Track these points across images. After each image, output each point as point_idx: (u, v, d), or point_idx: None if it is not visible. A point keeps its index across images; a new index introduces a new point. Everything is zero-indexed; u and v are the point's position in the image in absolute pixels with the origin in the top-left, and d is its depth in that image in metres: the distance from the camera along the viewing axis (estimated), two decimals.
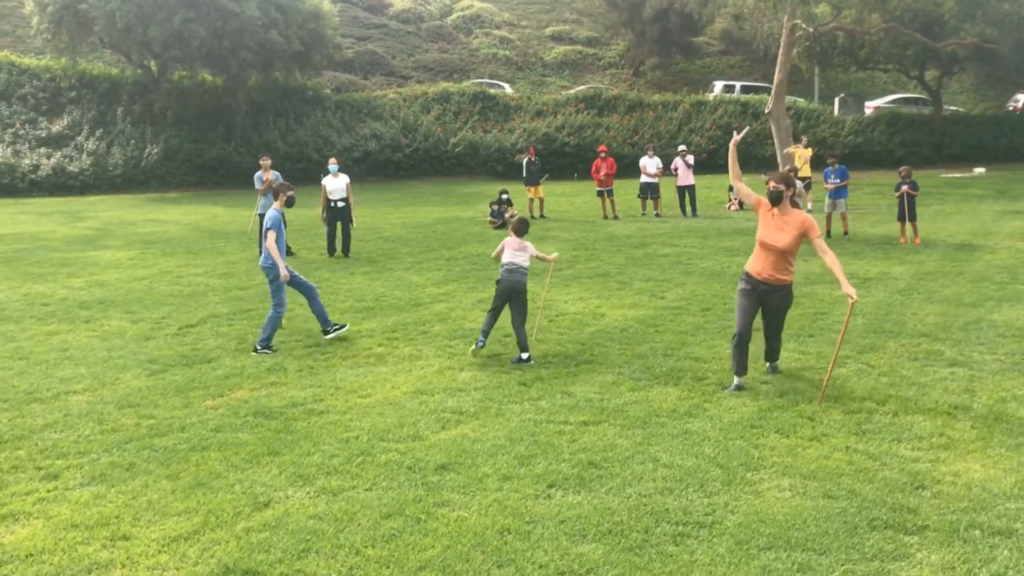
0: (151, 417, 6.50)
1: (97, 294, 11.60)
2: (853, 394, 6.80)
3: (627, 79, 46.93)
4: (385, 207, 22.95)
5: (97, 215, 22.12)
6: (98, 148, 28.62)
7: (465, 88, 34.71)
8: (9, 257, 14.93)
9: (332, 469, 5.42)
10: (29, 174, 27.18)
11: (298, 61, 30.96)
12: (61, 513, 4.83)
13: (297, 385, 7.34)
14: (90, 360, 8.24)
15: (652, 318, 9.67)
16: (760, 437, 5.90)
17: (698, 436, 5.92)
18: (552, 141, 31.46)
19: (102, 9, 26.62)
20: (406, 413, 6.51)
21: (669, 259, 13.76)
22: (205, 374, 7.71)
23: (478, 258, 14.18)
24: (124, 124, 29.58)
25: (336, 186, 14.64)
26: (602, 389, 7.07)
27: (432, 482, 5.18)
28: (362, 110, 32.49)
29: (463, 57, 47.50)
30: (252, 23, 27.53)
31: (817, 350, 8.16)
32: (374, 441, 5.91)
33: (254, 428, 6.22)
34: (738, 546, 4.36)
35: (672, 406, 6.59)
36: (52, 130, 28.93)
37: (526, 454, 5.61)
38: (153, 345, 8.83)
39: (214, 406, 6.78)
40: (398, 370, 7.76)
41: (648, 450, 5.67)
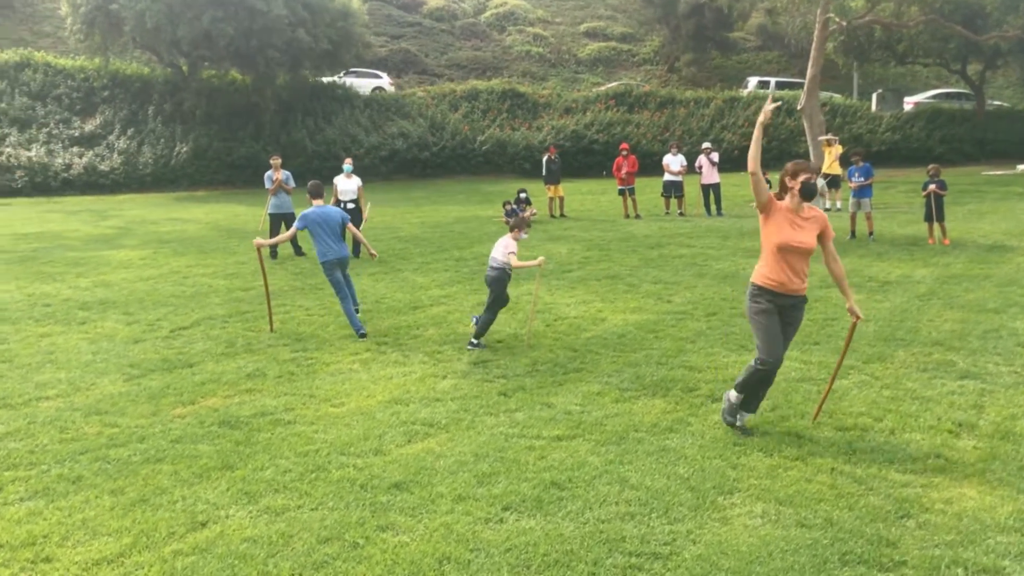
0: (115, 426, 6.32)
1: (100, 294, 11.53)
2: (850, 409, 6.40)
3: (661, 75, 46.32)
4: (407, 206, 22.78)
5: (122, 214, 22.27)
6: (129, 147, 28.89)
7: (494, 85, 34.44)
8: (26, 256, 14.99)
9: (282, 486, 5.17)
10: (61, 173, 27.51)
11: (327, 60, 30.97)
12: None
13: (272, 392, 7.12)
14: (73, 364, 8.11)
15: (653, 323, 9.30)
16: (741, 456, 5.53)
17: (675, 454, 5.58)
18: (580, 138, 31.07)
19: (132, 9, 26.83)
20: (375, 424, 6.25)
21: (684, 260, 13.35)
22: (183, 380, 7.53)
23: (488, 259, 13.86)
24: (155, 123, 29.82)
25: (348, 187, 14.45)
26: (585, 400, 6.75)
27: (381, 502, 4.90)
28: (391, 108, 32.40)
29: (496, 55, 47.26)
30: (279, 22, 27.54)
31: (820, 359, 7.74)
32: (333, 455, 5.65)
33: (215, 439, 6.00)
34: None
35: (654, 420, 6.25)
36: (85, 129, 29.25)
37: (488, 472, 5.32)
38: (140, 348, 8.69)
39: (182, 414, 6.58)
40: (379, 377, 7.51)
41: (618, 469, 5.34)
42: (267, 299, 9.80)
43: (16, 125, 28.70)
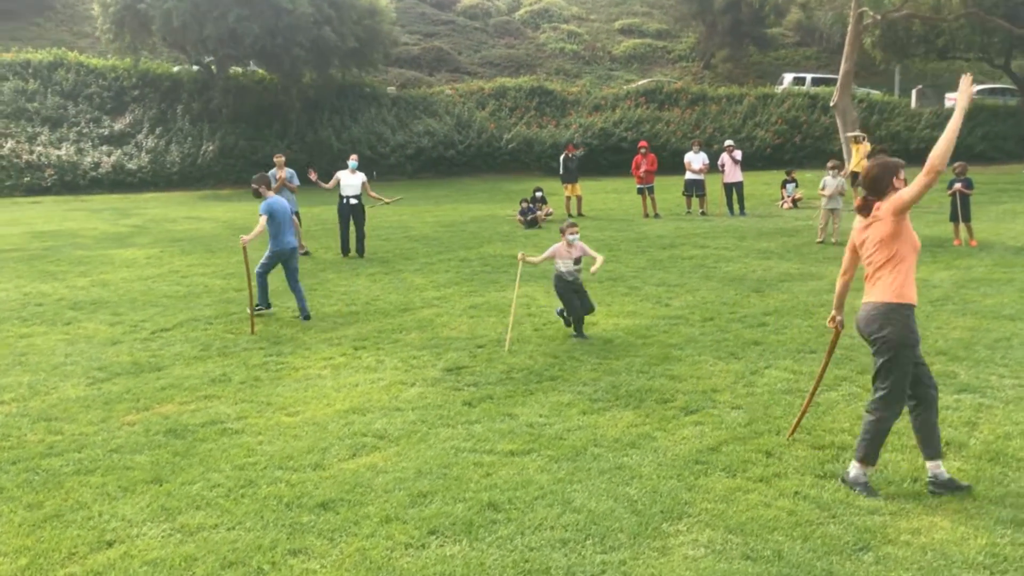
0: (59, 433, 6.12)
1: (95, 294, 11.44)
2: (832, 425, 5.95)
3: (697, 72, 45.59)
4: (427, 205, 22.55)
5: (144, 212, 22.35)
6: (157, 146, 29.09)
7: (522, 83, 34.10)
8: (36, 254, 15.01)
9: (206, 502, 4.90)
10: (90, 171, 27.77)
11: (355, 58, 30.88)
12: None
13: (231, 399, 6.87)
14: (41, 366, 7.96)
15: (645, 328, 8.90)
16: (701, 476, 5.14)
17: (630, 472, 5.20)
18: (608, 136, 30.60)
19: (160, 8, 26.96)
20: (324, 436, 5.96)
21: (693, 262, 12.89)
22: (146, 384, 7.32)
23: (493, 259, 13.57)
24: (183, 122, 29.99)
25: (351, 182, 14.20)
26: (551, 411, 6.39)
27: (302, 523, 4.60)
28: (418, 107, 32.23)
29: (529, 52, 46.91)
30: (304, 19, 27.49)
31: (812, 370, 7.27)
32: (270, 469, 5.37)
33: (156, 449, 5.76)
34: None
35: (618, 434, 5.87)
36: (115, 128, 29.52)
37: (426, 491, 4.99)
38: (114, 351, 8.51)
39: (132, 422, 6.36)
40: (345, 384, 7.22)
41: (565, 489, 4.98)
42: (250, 301, 9.61)
43: (48, 124, 29.05)
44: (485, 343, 8.50)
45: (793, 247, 14.02)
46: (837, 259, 12.65)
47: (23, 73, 30.19)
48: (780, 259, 12.92)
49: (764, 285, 11.01)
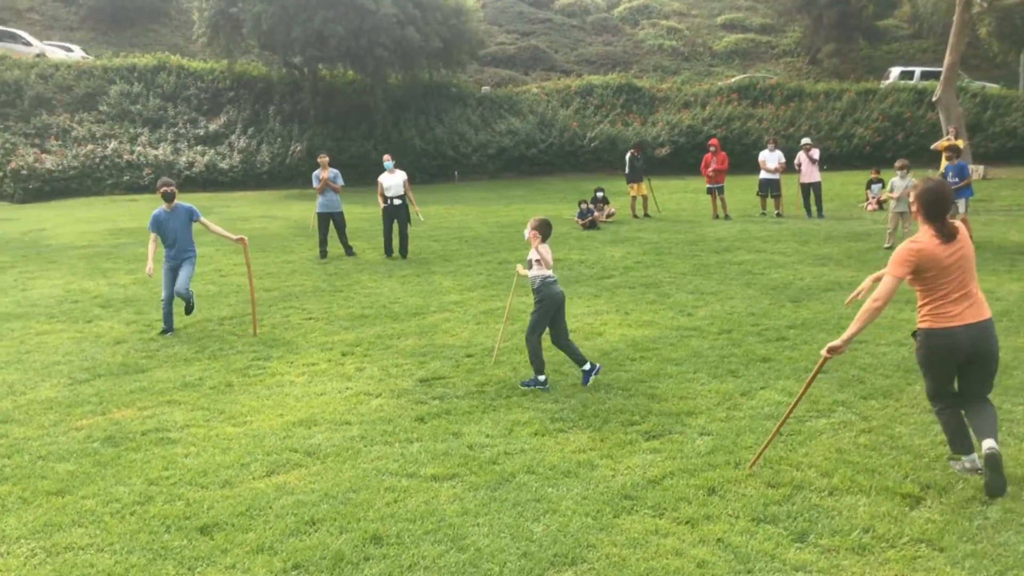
0: (7, 436, 6.08)
1: (130, 292, 11.63)
2: (803, 458, 5.28)
3: (802, 67, 43.74)
4: (497, 205, 22.26)
5: (223, 211, 22.91)
6: (249, 146, 29.87)
7: (610, 80, 33.40)
8: (100, 251, 15.50)
9: (92, 519, 4.70)
10: (184, 171, 28.74)
11: (441, 58, 30.93)
12: None
13: (191, 405, 6.72)
14: (35, 365, 8.04)
15: (652, 340, 8.30)
16: (623, 514, 4.60)
17: (546, 507, 4.71)
18: (696, 134, 29.58)
19: (250, 12, 27.65)
20: (254, 450, 5.70)
21: (741, 267, 12.10)
22: (120, 387, 7.26)
23: None
24: (274, 122, 30.70)
25: (392, 183, 14.02)
26: (502, 431, 5.94)
27: (171, 548, 4.33)
28: (503, 106, 32.01)
29: (627, 49, 46.09)
30: (387, 20, 27.65)
31: (811, 392, 6.55)
32: (179, 485, 5.14)
33: (83, 457, 5.63)
34: None
35: (559, 460, 5.37)
36: (209, 129, 30.48)
37: (320, 517, 4.64)
38: (112, 351, 8.54)
39: (81, 426, 6.27)
40: (312, 393, 6.97)
41: (467, 522, 4.54)
42: (252, 303, 9.52)
43: (148, 125, 30.26)
44: (476, 352, 8.10)
45: (856, 253, 13.01)
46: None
47: (129, 77, 31.55)
48: (836, 266, 11.97)
49: (805, 294, 10.18)
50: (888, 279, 4.76)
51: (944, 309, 4.76)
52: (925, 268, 4.70)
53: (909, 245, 4.75)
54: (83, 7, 43.60)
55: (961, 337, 4.74)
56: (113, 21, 43.84)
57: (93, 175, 28.06)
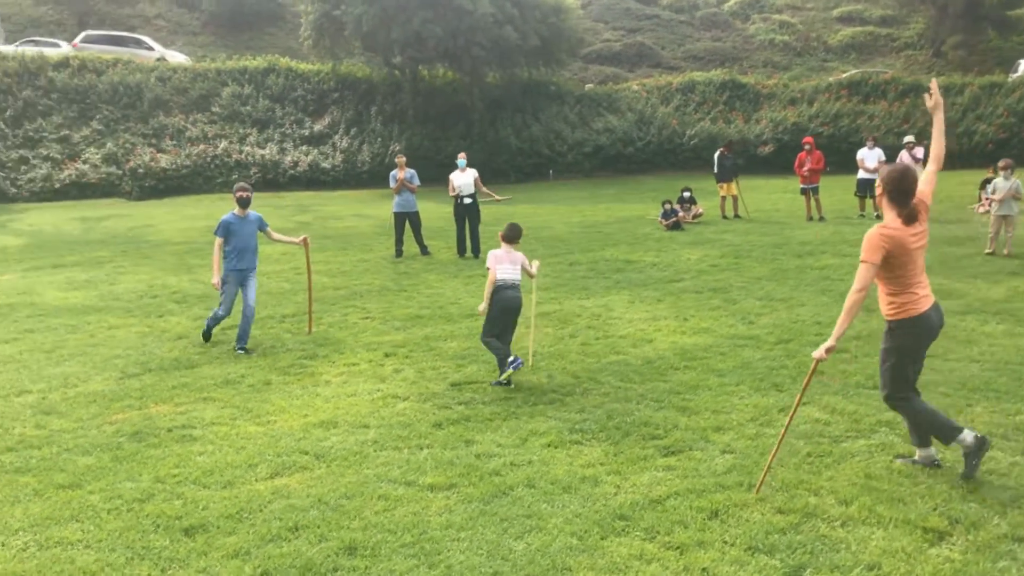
0: (42, 428, 6.32)
1: (207, 289, 11.96)
2: (825, 483, 4.89)
3: (924, 61, 41.50)
4: (585, 204, 21.99)
5: (319, 209, 23.50)
6: (351, 146, 30.50)
7: (713, 76, 32.53)
8: (193, 248, 16.10)
9: (91, 514, 4.79)
10: (289, 170, 29.63)
11: (540, 56, 30.84)
12: None
13: (224, 403, 6.82)
14: (97, 358, 8.36)
15: (702, 349, 7.94)
16: (611, 536, 4.36)
17: (535, 523, 4.52)
18: (801, 131, 28.37)
19: (352, 14, 28.26)
20: (267, 450, 5.72)
21: (821, 273, 11.49)
22: (165, 381, 7.46)
23: (604, 263, 12.84)
24: (375, 123, 31.27)
25: (464, 181, 14.01)
26: (516, 441, 5.77)
27: (152, 548, 4.36)
28: (601, 103, 31.62)
29: (736, 45, 44.84)
30: (485, 20, 27.73)
31: (856, 410, 6.10)
32: (182, 483, 5.20)
33: (105, 452, 5.77)
34: None
35: (564, 474, 5.16)
36: (314, 129, 31.29)
37: (305, 524, 4.60)
38: (171, 346, 8.80)
39: (115, 420, 6.46)
40: (343, 394, 6.97)
41: (450, 536, 4.40)
42: (309, 302, 9.65)
43: (257, 126, 31.31)
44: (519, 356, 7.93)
45: (952, 258, 12.16)
46: (995, 274, 10.85)
47: (240, 79, 32.73)
48: (934, 273, 11.19)
49: None
50: (865, 266, 4.72)
51: (914, 294, 4.79)
52: (895, 253, 4.68)
53: (881, 230, 4.70)
54: (205, 12, 45.57)
55: (934, 320, 4.86)
56: (232, 25, 45.63)
57: (204, 173, 29.23)
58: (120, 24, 43.15)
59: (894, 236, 4.72)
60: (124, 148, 29.28)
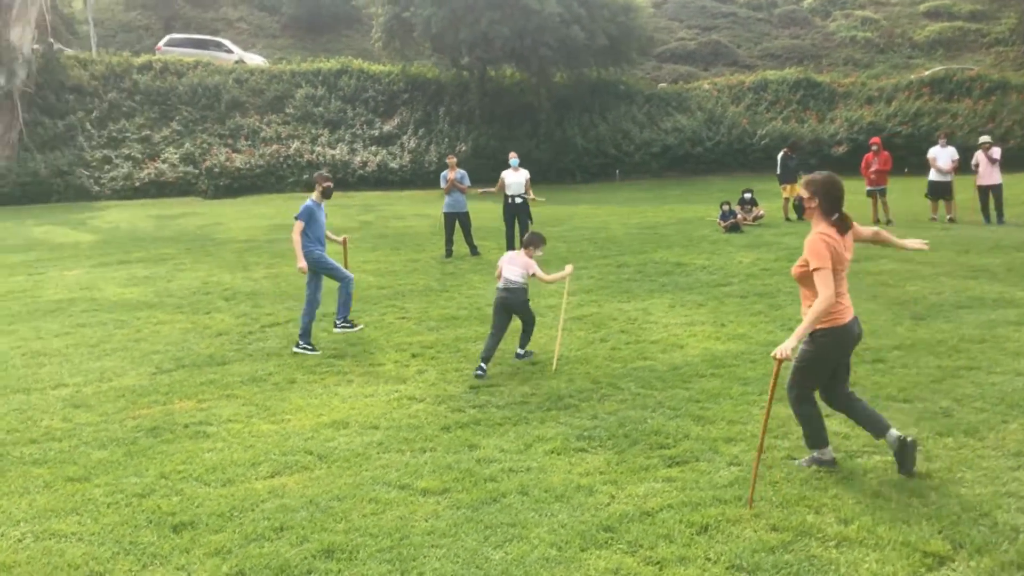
0: (68, 421, 6.51)
1: (259, 286, 12.23)
2: (829, 500, 4.67)
3: (1016, 58, 39.67)
4: (648, 205, 21.71)
5: (385, 208, 23.78)
6: (419, 146, 30.81)
7: (786, 75, 31.74)
8: (253, 246, 16.46)
9: (91, 508, 4.90)
10: (358, 170, 30.09)
11: (609, 56, 30.60)
12: None
13: (244, 400, 6.92)
14: (136, 353, 8.59)
15: (733, 356, 7.71)
16: (591, 549, 4.25)
17: (518, 532, 4.43)
18: (878, 131, 27.42)
19: (421, 15, 28.54)
20: (274, 448, 5.77)
21: (877, 278, 11.06)
22: (195, 378, 7.62)
23: (653, 266, 12.63)
24: (443, 123, 31.50)
25: (514, 180, 13.98)
26: (521, 446, 5.68)
27: (139, 544, 4.43)
28: (671, 103, 31.19)
29: (815, 42, 43.65)
30: (552, 20, 27.63)
31: None
32: (185, 480, 5.28)
33: (120, 446, 5.91)
34: None
35: (561, 482, 5.06)
36: (384, 129, 31.70)
37: (289, 525, 4.61)
38: (210, 342, 8.99)
39: (138, 416, 6.61)
40: (360, 395, 7.00)
41: (430, 543, 4.35)
42: None
43: (329, 126, 31.90)
44: (542, 359, 7.85)
45: (1020, 265, 11.56)
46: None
47: (313, 80, 33.39)
48: (988, 280, 10.68)
49: (933, 311, 9.15)
50: (823, 272, 4.66)
51: (841, 304, 4.82)
52: (833, 260, 4.69)
53: (823, 237, 4.69)
54: (284, 16, 46.65)
55: (855, 331, 4.99)
56: (310, 28, 46.58)
57: (276, 173, 29.91)
58: (204, 28, 44.44)
59: (833, 244, 4.74)
60: (201, 148, 30.18)
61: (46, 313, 10.73)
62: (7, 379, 7.72)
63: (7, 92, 28.60)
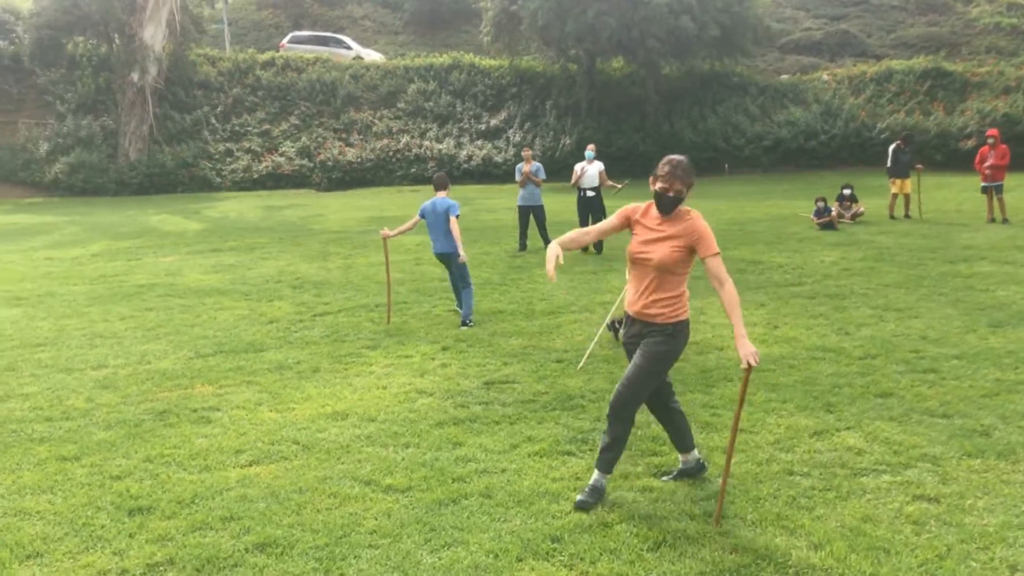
0: (91, 401, 6.72)
1: (328, 276, 12.41)
2: (812, 522, 4.24)
3: None
4: (749, 201, 20.89)
5: (481, 202, 23.85)
6: (524, 140, 30.76)
7: (913, 64, 29.89)
8: (341, 238, 16.77)
9: (67, 487, 4.99)
10: (463, 164, 30.34)
11: (721, 47, 29.67)
12: None
13: (262, 387, 6.96)
14: (185, 337, 8.83)
15: (772, 360, 7.22)
16: (528, 559, 3.99)
17: (461, 536, 4.22)
18: (1013, 124, 25.49)
19: (528, 8, 28.46)
20: (263, 437, 5.75)
21: (965, 282, 10.18)
22: (226, 363, 7.74)
23: (729, 264, 12.00)
24: (550, 117, 31.34)
25: (589, 173, 13.65)
26: (506, 446, 5.45)
27: (89, 526, 4.46)
28: (786, 95, 29.95)
29: (955, 29, 40.92)
30: (660, 11, 27.01)
31: (903, 440, 5.28)
32: (166, 464, 5.32)
33: (123, 428, 6.04)
34: None
35: (530, 485, 4.81)
36: (490, 124, 31.84)
37: (239, 515, 4.55)
38: (256, 329, 9.14)
39: (157, 398, 6.76)
40: (374, 385, 6.93)
41: (366, 542, 4.20)
42: (388, 293, 9.72)
43: (438, 121, 32.30)
44: (569, 358, 7.57)
45: None
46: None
47: (426, 75, 33.88)
48: None
49: (1016, 318, 8.31)
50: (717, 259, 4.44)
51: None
52: None
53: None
54: (407, 12, 47.54)
55: None
56: (431, 24, 47.27)
57: (386, 167, 30.54)
58: (330, 25, 45.81)
59: None
60: (316, 142, 31.11)
61: (123, 297, 11.21)
62: (57, 359, 8.07)
63: (139, 89, 30.29)
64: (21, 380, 7.33)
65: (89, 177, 29.24)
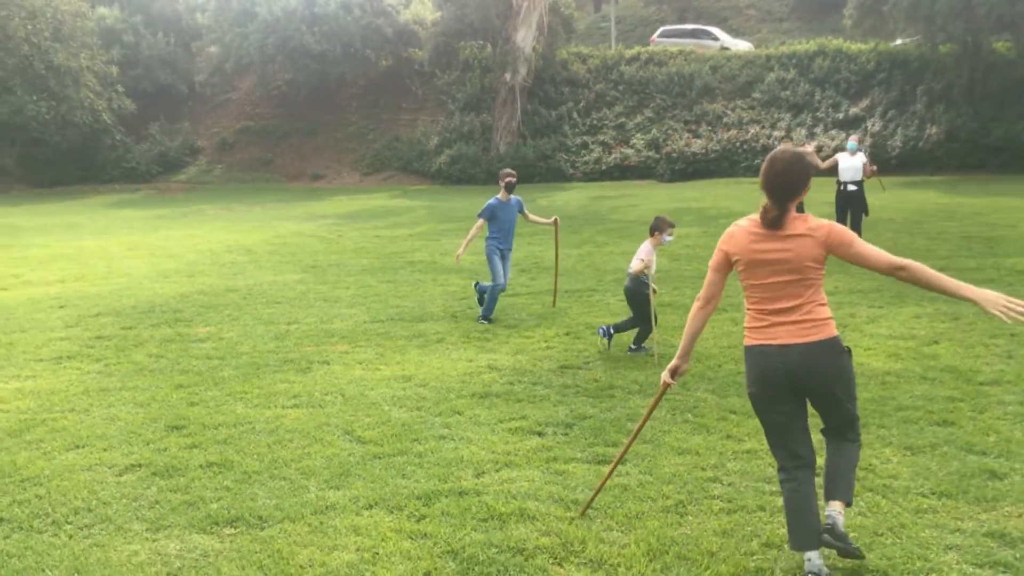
0: (256, 348, 8.17)
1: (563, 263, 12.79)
2: (675, 534, 4.12)
3: None
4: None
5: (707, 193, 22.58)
6: (883, 129, 28.36)
7: None
8: (619, 227, 17.27)
9: (130, 405, 6.42)
10: None
11: None
12: None
13: (382, 350, 7.91)
14: (381, 304, 10.10)
15: (882, 372, 6.50)
16: (377, 510, 4.45)
17: (341, 481, 4.79)
18: None
19: None
20: (323, 387, 6.71)
21: None
22: (381, 328, 8.80)
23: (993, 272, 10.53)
24: (919, 104, 28.46)
25: (849, 165, 12.68)
26: (494, 420, 5.81)
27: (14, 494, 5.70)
28: None
29: None
30: None
31: (925, 464, 4.68)
32: (233, 400, 6.47)
33: (251, 368, 7.34)
34: None
35: (461, 455, 5.17)
36: (849, 112, 29.75)
37: (227, 440, 5.56)
38: (441, 302, 10.10)
39: (302, 351, 7.96)
40: (463, 358, 7.54)
41: (273, 474, 4.97)
42: (555, 277, 10.14)
43: (792, 110, 30.99)
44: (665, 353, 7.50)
45: None
46: None
47: (786, 64, 32.57)
48: None
49: None
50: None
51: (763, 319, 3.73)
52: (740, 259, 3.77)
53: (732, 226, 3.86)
54: None
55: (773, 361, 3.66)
56: (818, 9, 44.99)
57: (730, 158, 30.13)
58: (714, 17, 45.77)
59: (735, 235, 3.78)
60: (665, 133, 31.67)
61: (387, 270, 12.79)
62: (274, 314, 9.77)
63: (510, 87, 33.34)
64: (221, 326, 9.17)
65: (465, 168, 32.88)
